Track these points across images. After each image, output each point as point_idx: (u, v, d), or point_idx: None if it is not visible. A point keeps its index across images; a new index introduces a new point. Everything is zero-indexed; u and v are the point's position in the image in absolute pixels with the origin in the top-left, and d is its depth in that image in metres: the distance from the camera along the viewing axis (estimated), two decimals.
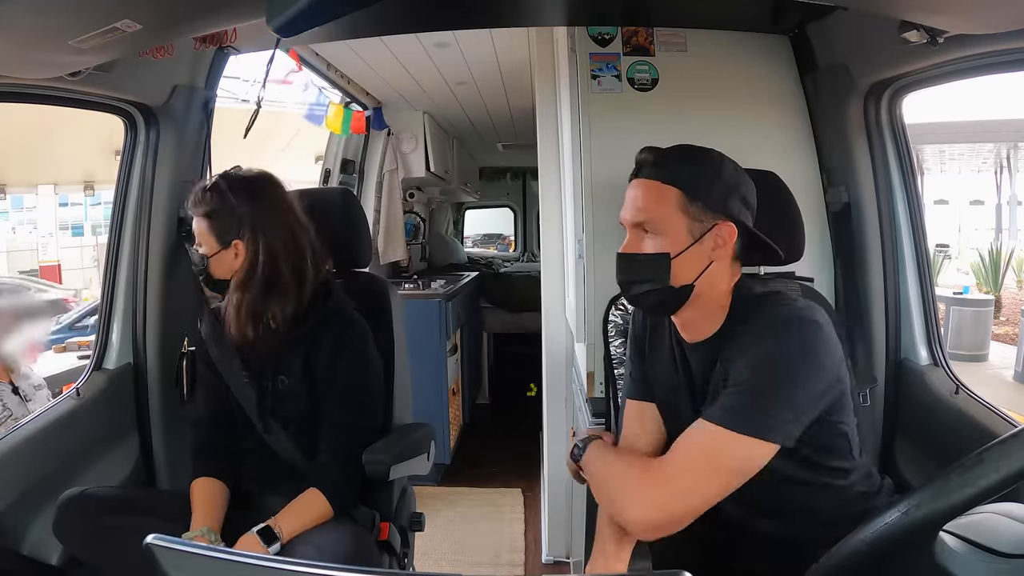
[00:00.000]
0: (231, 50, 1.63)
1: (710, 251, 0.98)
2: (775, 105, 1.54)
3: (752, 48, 1.55)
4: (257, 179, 1.31)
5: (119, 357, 1.61)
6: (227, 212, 1.26)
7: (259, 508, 1.27)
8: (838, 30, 1.40)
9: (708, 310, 1.01)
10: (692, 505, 0.90)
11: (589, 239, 1.51)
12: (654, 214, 0.97)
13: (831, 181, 1.51)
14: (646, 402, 1.12)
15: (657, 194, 0.97)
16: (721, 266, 1.00)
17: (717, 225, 0.97)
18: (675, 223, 0.97)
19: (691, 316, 1.02)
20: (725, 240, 0.98)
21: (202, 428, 1.35)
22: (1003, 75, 1.15)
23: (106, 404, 1.55)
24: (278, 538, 1.18)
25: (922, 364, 1.41)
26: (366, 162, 3.27)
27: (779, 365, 0.90)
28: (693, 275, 0.98)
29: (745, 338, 0.94)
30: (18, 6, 0.90)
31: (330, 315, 1.31)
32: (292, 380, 1.29)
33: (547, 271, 2.14)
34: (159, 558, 0.58)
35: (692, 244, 0.97)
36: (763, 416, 0.88)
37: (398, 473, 1.30)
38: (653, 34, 1.54)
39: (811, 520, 0.99)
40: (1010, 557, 0.70)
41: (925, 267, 1.45)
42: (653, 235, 0.98)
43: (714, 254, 0.98)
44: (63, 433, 1.41)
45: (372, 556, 1.26)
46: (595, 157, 1.51)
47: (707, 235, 0.97)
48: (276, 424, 1.31)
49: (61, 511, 1.21)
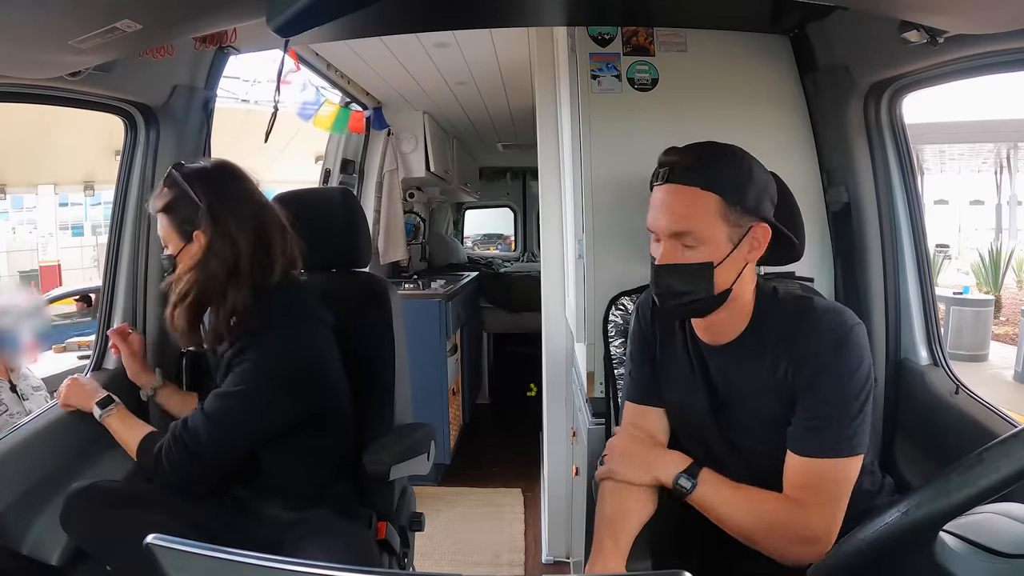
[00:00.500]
0: (231, 50, 1.63)
1: (746, 254, 0.97)
2: (775, 105, 1.54)
3: (752, 48, 1.55)
4: (213, 168, 1.25)
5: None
6: (184, 203, 1.19)
7: (254, 512, 1.27)
8: (838, 30, 1.40)
9: (737, 313, 1.01)
10: (833, 536, 0.92)
11: (589, 239, 1.51)
12: (696, 224, 0.93)
13: (831, 181, 1.51)
14: (646, 406, 1.11)
15: (696, 202, 0.93)
16: (752, 268, 0.99)
17: (752, 227, 0.96)
18: (716, 231, 0.93)
19: (719, 319, 1.01)
20: (760, 242, 0.97)
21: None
22: (1003, 75, 1.15)
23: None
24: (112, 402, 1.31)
25: (922, 364, 1.41)
26: (366, 162, 3.27)
27: (854, 380, 0.92)
28: (731, 280, 0.97)
29: (803, 349, 0.94)
30: (18, 6, 0.90)
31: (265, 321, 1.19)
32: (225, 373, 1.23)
33: (547, 271, 2.14)
34: (159, 558, 0.58)
35: (732, 251, 0.95)
36: (855, 434, 0.92)
37: (398, 473, 1.30)
38: (653, 34, 1.54)
39: None
40: (1010, 557, 0.70)
41: (925, 267, 1.45)
42: (694, 245, 0.94)
43: (749, 256, 0.97)
44: (62, 433, 1.41)
45: (372, 556, 1.25)
46: (595, 157, 1.51)
47: (744, 239, 0.96)
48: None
49: (70, 502, 1.21)
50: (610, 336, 1.43)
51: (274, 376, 1.17)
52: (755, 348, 0.99)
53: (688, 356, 1.07)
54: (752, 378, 0.99)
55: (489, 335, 4.23)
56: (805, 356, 0.94)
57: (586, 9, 1.56)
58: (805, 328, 0.95)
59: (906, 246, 1.44)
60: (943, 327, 3.41)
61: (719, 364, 1.03)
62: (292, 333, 1.21)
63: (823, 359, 0.93)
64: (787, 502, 0.94)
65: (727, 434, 1.04)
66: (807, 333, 0.95)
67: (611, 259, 1.48)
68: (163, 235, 1.25)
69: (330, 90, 2.70)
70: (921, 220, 1.45)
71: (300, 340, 1.21)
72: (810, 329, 0.95)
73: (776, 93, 1.55)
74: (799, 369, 0.94)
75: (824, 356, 0.93)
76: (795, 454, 0.94)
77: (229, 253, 1.19)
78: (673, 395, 1.09)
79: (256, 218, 1.22)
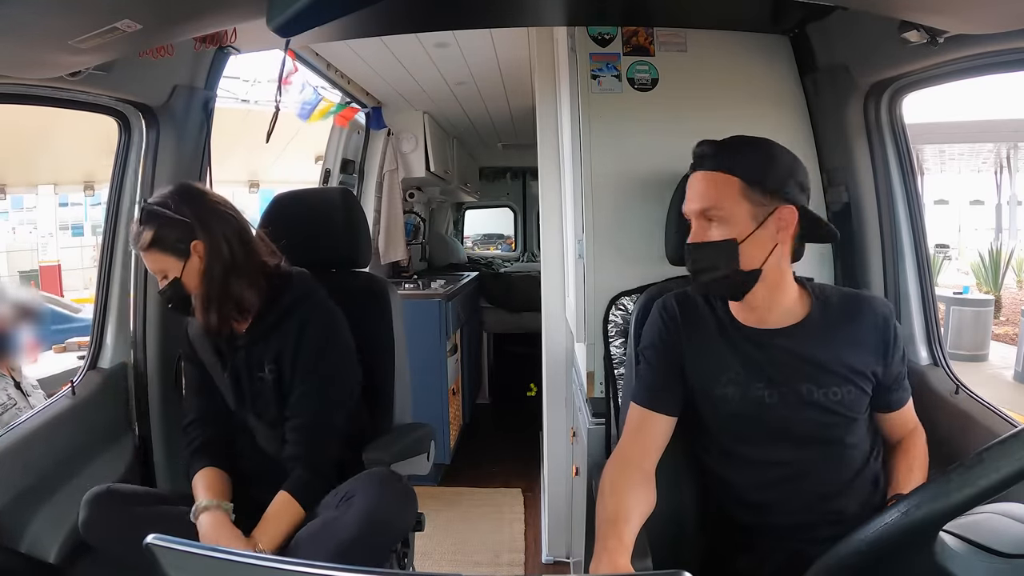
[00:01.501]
0: (231, 50, 1.63)
1: (774, 234, 1.04)
2: (775, 105, 1.54)
3: (752, 48, 1.55)
4: (181, 188, 1.29)
5: (113, 357, 1.62)
6: (172, 224, 1.24)
7: (256, 507, 1.27)
8: (838, 30, 1.40)
9: (782, 295, 1.08)
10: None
11: (589, 239, 1.51)
12: (717, 202, 1.03)
13: (831, 181, 1.51)
14: (654, 412, 1.11)
15: (718, 183, 1.03)
16: (786, 249, 1.06)
17: (778, 208, 1.03)
18: (738, 209, 1.02)
19: (763, 300, 1.07)
20: (788, 222, 1.04)
21: (197, 429, 1.35)
22: (1003, 75, 1.15)
23: (101, 403, 1.55)
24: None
25: (922, 364, 1.41)
26: (366, 162, 3.27)
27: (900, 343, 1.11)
28: (761, 259, 1.04)
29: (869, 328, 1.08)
30: (18, 6, 0.90)
31: (295, 301, 1.31)
32: (267, 375, 1.30)
33: (547, 271, 2.14)
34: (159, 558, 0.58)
35: (756, 228, 1.03)
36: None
37: None
38: (653, 34, 1.54)
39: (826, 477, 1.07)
40: (1010, 557, 0.70)
41: (925, 267, 1.45)
42: (719, 223, 1.03)
43: (778, 236, 1.04)
44: (59, 432, 1.41)
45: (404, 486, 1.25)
46: (595, 157, 1.51)
47: (769, 219, 1.03)
48: (258, 421, 1.32)
49: (91, 508, 1.21)
50: (610, 336, 1.43)
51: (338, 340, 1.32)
52: (829, 328, 1.08)
53: (729, 342, 1.10)
54: (833, 354, 1.06)
55: (489, 335, 4.22)
56: (883, 337, 1.08)
57: (586, 9, 1.56)
58: (866, 310, 1.09)
59: (906, 246, 1.44)
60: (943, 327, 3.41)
61: (784, 344, 1.07)
62: (328, 307, 1.33)
63: (887, 336, 1.08)
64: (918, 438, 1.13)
65: (784, 413, 1.07)
66: (869, 314, 1.09)
67: (611, 259, 1.48)
68: (158, 268, 1.28)
69: (330, 90, 2.70)
70: (921, 220, 1.45)
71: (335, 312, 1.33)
72: (871, 311, 1.09)
73: (776, 93, 1.55)
74: (883, 349, 1.08)
75: (887, 333, 1.08)
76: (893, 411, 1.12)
77: (228, 250, 1.27)
78: (714, 391, 1.10)
79: (233, 218, 1.31)
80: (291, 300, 1.31)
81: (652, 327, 1.16)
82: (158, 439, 1.65)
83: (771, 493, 1.07)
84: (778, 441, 1.07)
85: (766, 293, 1.07)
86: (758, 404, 1.07)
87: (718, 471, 1.12)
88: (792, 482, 1.07)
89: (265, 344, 1.30)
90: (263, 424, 1.32)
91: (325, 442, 1.28)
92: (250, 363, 1.31)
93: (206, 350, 1.35)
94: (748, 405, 1.07)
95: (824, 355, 1.06)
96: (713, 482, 1.14)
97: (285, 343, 1.29)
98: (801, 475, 1.06)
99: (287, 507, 1.22)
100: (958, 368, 1.39)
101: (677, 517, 1.18)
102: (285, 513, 1.22)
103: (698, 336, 1.12)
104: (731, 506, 1.12)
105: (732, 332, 1.10)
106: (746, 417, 1.08)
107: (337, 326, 1.33)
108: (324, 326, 1.31)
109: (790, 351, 1.07)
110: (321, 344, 1.29)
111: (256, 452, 1.33)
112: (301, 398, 1.28)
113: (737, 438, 1.10)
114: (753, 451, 1.08)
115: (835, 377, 1.06)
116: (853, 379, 1.06)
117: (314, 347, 1.29)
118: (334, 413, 1.30)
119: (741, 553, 1.09)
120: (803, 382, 1.06)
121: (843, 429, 1.06)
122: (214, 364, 1.34)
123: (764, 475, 1.08)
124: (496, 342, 4.34)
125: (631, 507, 1.00)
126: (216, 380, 1.35)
